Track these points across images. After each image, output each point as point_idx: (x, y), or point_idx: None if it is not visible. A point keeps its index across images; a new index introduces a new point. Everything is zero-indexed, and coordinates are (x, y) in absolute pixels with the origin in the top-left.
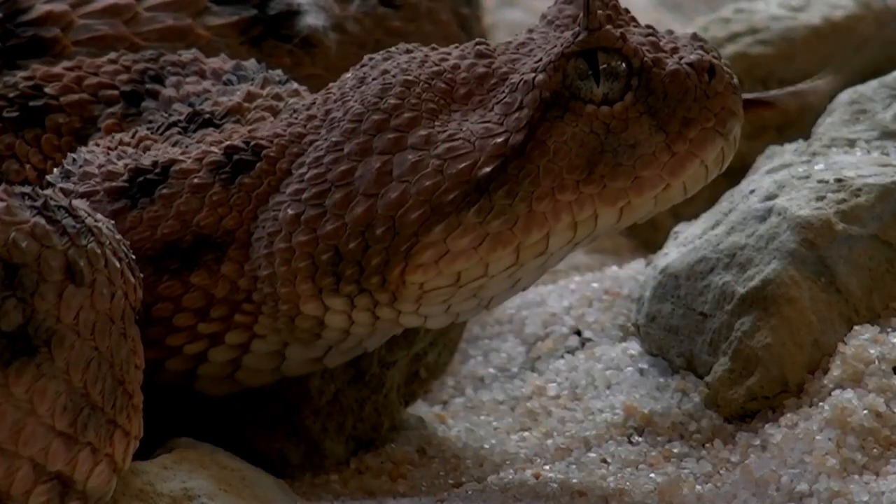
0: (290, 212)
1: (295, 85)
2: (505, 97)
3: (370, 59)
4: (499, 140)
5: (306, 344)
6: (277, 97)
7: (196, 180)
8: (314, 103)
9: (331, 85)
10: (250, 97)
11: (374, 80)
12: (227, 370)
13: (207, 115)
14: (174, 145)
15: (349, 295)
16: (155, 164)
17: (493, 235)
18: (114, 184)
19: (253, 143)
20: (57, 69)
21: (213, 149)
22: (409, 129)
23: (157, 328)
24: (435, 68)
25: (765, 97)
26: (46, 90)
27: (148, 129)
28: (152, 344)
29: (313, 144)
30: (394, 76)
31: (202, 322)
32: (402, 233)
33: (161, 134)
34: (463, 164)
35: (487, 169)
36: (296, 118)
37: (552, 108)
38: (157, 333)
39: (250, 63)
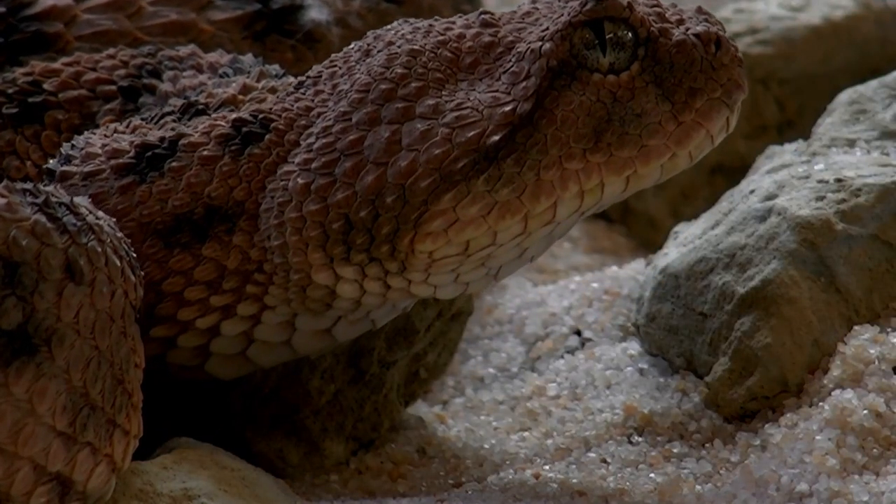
0: (300, 181)
1: (291, 79)
2: (512, 66)
3: (373, 33)
4: (507, 109)
5: (316, 314)
6: (272, 90)
7: (206, 152)
8: (320, 77)
9: (334, 57)
10: (245, 89)
11: (379, 51)
12: (240, 345)
13: (201, 106)
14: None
15: (360, 264)
16: (162, 139)
17: (501, 204)
18: (120, 160)
19: (261, 115)
20: (56, 65)
21: (220, 122)
22: (416, 98)
23: (168, 303)
24: (440, 38)
25: None
26: (45, 86)
27: (142, 119)
28: (164, 320)
29: (321, 116)
30: (399, 46)
31: (215, 294)
32: (412, 201)
33: (155, 123)
34: (472, 133)
35: (496, 137)
36: (303, 93)
37: (559, 77)
38: (169, 308)
39: (247, 57)
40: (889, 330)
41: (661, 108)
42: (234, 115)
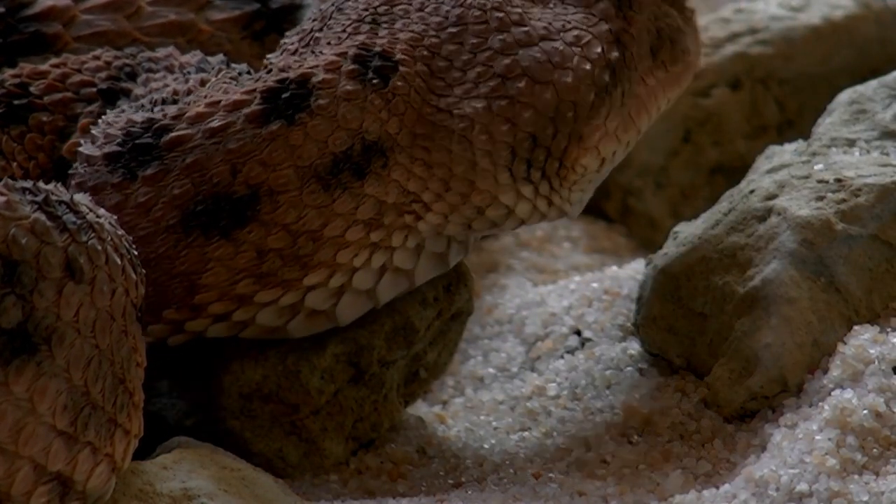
0: (478, 106)
1: (256, 78)
2: None
3: None
4: (605, 27)
5: (437, 242)
6: (233, 78)
7: (349, 87)
8: (390, 10)
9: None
10: (203, 82)
11: None
12: (376, 278)
13: (170, 102)
14: None
15: (535, 182)
16: (284, 80)
17: (624, 118)
18: (251, 109)
19: (377, 48)
20: (44, 66)
21: (337, 58)
22: (526, 23)
23: (326, 249)
24: None
25: None
26: (31, 89)
27: None
28: (319, 266)
29: (443, 47)
30: None
31: (374, 231)
32: (581, 115)
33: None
34: (598, 49)
35: (615, 53)
36: (388, 26)
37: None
38: (326, 254)
39: (215, 58)
40: (889, 330)
41: (681, 23)
42: (352, 51)
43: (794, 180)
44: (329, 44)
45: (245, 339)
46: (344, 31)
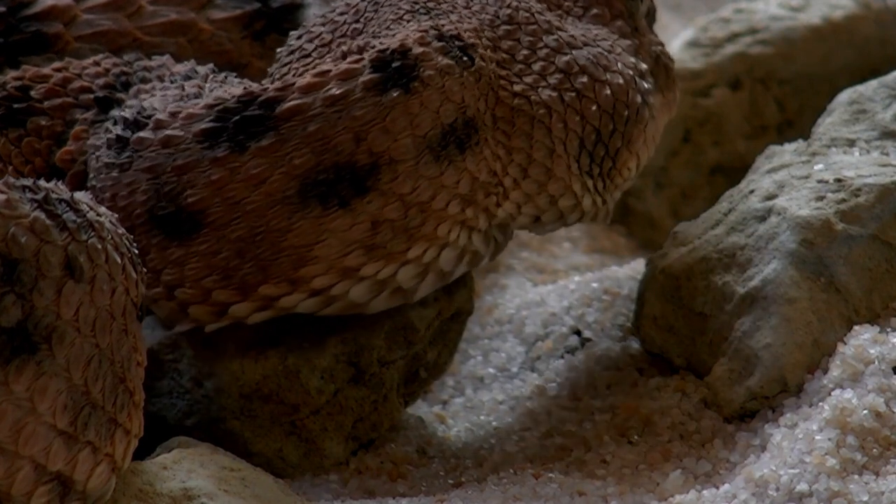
0: (551, 94)
1: (246, 82)
2: (591, 10)
3: None
4: (627, 42)
5: (500, 232)
6: (221, 82)
7: (446, 61)
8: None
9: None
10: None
11: None
12: (459, 258)
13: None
14: None
15: (594, 178)
16: (385, 51)
17: (651, 131)
18: (367, 77)
19: (448, 32)
20: (47, 70)
21: (422, 34)
22: (567, 28)
23: (430, 221)
24: None
25: None
26: (32, 93)
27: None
28: (422, 238)
29: (501, 42)
30: None
31: (469, 207)
32: (632, 117)
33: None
34: (632, 59)
35: (644, 65)
36: (445, 18)
37: (631, 20)
38: (430, 227)
39: (203, 68)
40: (889, 330)
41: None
42: (433, 30)
43: (794, 180)
44: (389, 28)
45: (244, 338)
46: (400, 18)
